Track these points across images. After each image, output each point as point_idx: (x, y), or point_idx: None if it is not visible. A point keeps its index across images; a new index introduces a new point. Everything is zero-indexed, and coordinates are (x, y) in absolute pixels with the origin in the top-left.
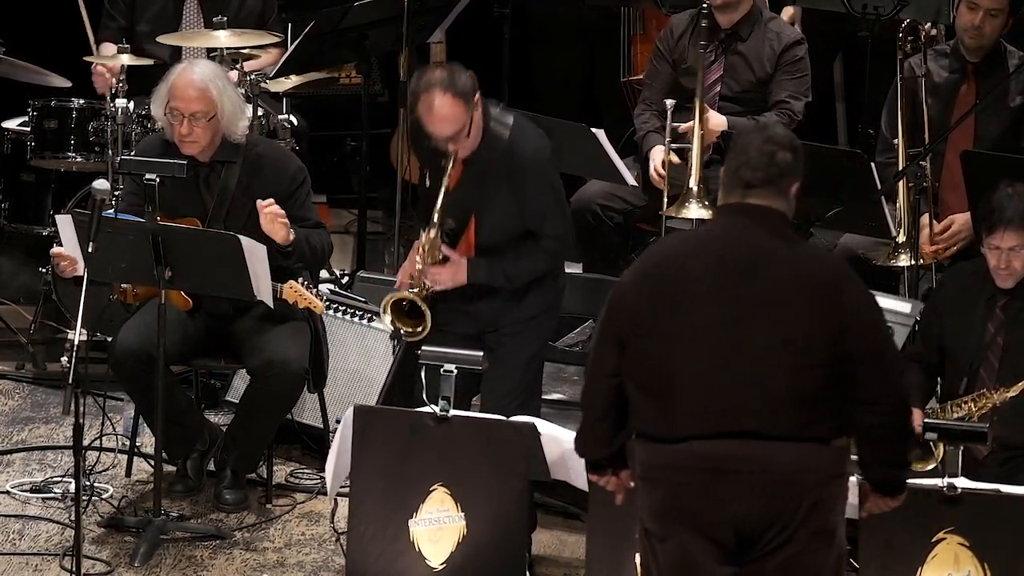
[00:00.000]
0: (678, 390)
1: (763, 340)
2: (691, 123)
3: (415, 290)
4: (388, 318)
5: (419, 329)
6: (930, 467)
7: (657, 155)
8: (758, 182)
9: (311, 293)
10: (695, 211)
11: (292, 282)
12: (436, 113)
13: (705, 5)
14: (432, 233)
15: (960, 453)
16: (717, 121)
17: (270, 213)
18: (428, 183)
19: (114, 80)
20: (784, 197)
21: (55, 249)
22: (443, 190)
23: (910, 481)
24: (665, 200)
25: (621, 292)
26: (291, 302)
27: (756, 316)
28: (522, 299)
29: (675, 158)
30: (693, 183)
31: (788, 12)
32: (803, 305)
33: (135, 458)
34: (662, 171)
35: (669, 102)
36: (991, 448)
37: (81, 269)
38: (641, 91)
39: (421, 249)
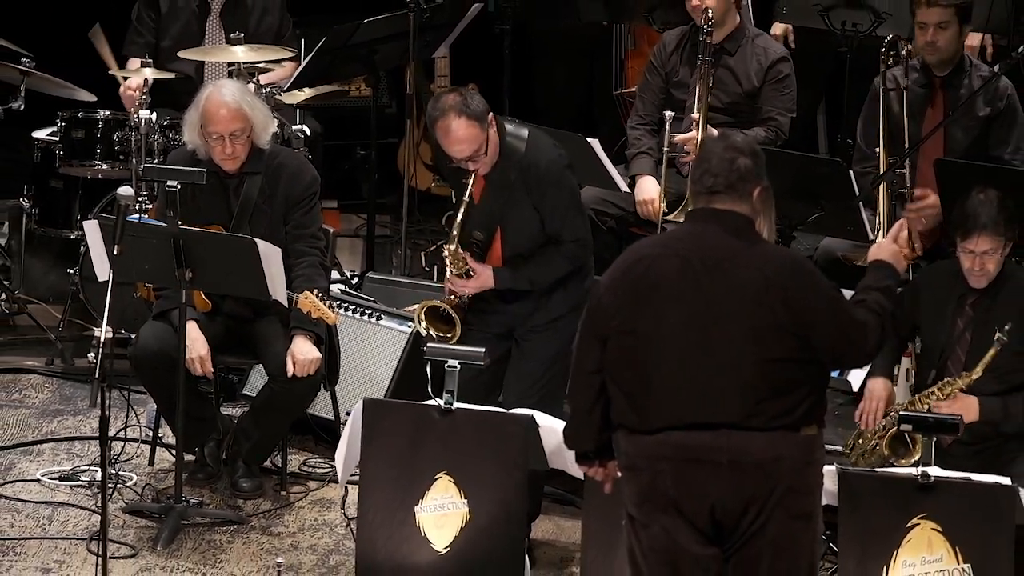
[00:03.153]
0: (654, 385)
1: (731, 336)
2: (689, 135)
3: (451, 297)
4: (423, 324)
5: (449, 336)
6: (913, 460)
7: (649, 186)
8: (720, 187)
9: (325, 305)
10: None
11: (307, 293)
12: (453, 136)
13: (704, 25)
14: (453, 247)
15: (933, 443)
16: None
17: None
18: (455, 199)
19: (139, 95)
20: (747, 201)
21: (190, 360)
22: (463, 207)
23: (886, 470)
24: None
25: (599, 292)
26: (305, 311)
27: (724, 313)
28: (551, 299)
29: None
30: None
31: (779, 28)
32: (767, 301)
33: (157, 448)
34: (656, 207)
35: (668, 114)
36: (956, 437)
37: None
38: (633, 103)
39: (447, 263)
